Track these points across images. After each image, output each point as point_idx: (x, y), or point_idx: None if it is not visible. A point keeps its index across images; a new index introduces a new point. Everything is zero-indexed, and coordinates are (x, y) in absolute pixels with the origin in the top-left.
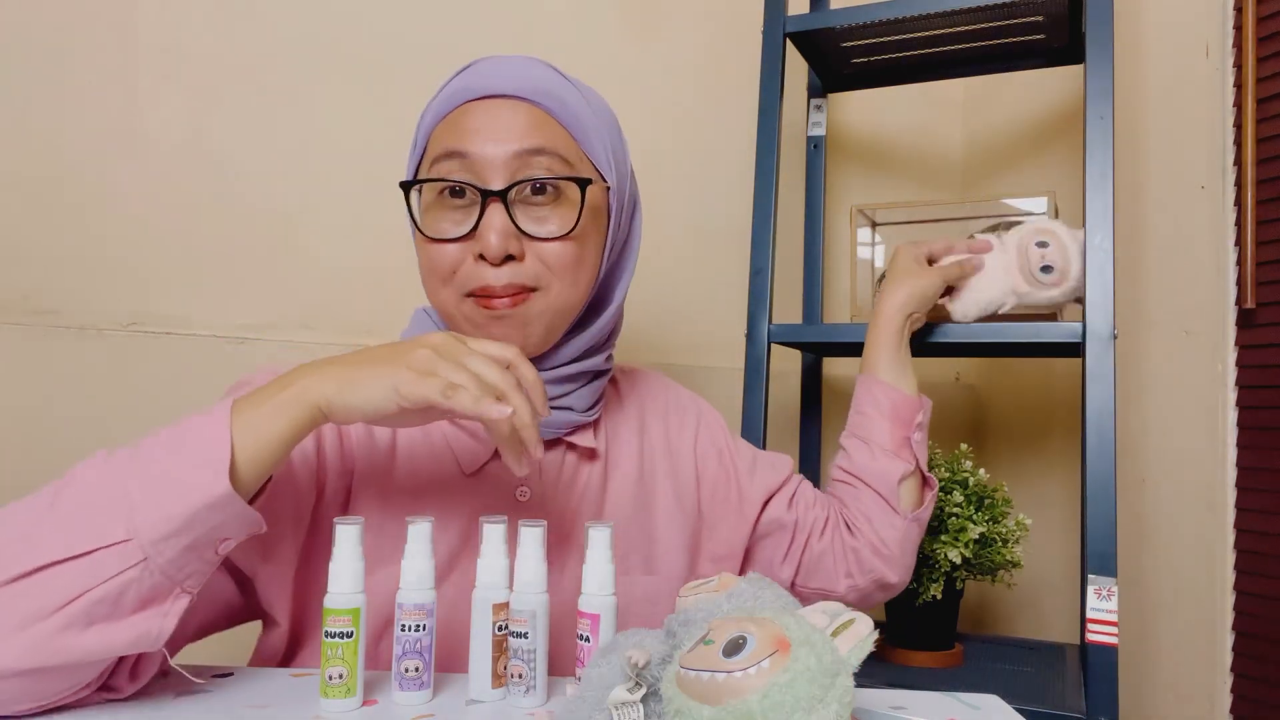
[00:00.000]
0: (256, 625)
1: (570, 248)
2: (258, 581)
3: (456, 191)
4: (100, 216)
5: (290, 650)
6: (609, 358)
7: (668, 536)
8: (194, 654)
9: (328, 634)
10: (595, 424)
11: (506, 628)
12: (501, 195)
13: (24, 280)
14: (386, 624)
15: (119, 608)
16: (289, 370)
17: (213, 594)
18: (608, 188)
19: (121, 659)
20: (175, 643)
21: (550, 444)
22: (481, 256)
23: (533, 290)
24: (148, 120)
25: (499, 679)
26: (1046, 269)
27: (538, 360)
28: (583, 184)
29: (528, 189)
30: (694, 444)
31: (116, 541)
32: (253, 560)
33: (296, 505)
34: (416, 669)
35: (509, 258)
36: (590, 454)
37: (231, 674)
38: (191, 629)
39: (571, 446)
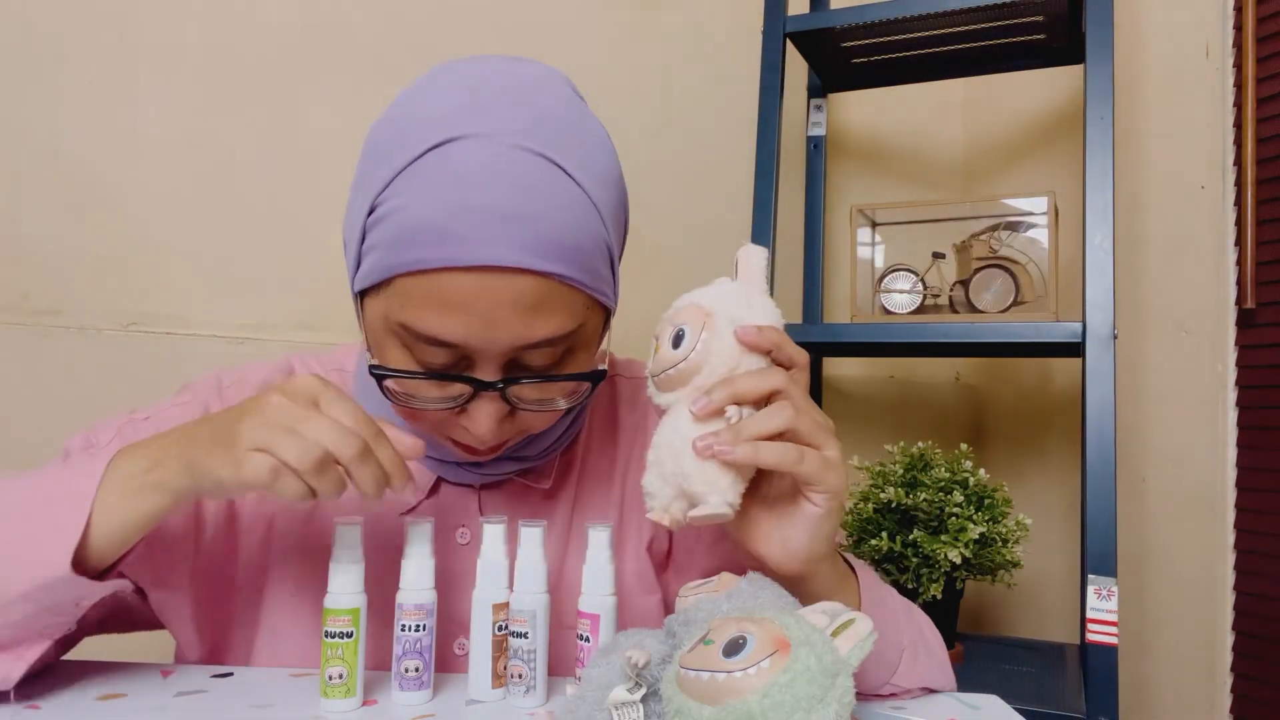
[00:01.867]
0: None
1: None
2: (151, 598)
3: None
4: (100, 216)
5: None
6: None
7: (637, 586)
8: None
9: (328, 634)
10: (567, 452)
11: (506, 628)
12: (499, 388)
13: (24, 280)
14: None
15: None
16: (167, 433)
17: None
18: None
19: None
20: (70, 642)
21: (498, 484)
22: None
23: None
24: (148, 120)
25: (499, 679)
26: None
27: None
28: (595, 378)
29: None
30: None
31: None
32: (143, 579)
33: (195, 538)
34: (416, 669)
35: None
36: (546, 492)
37: (232, 674)
38: (89, 628)
39: (525, 487)
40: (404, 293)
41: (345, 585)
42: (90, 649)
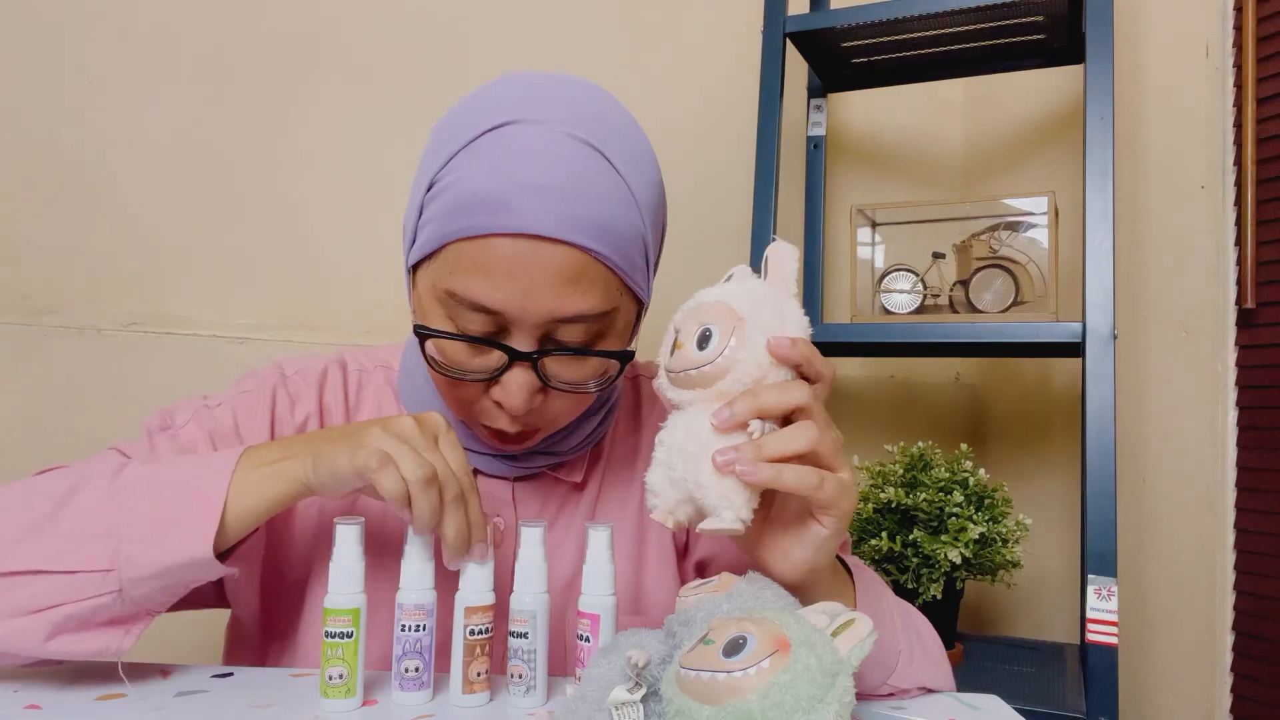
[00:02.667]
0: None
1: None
2: (226, 580)
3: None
4: (100, 216)
5: (263, 643)
6: (609, 395)
7: (659, 574)
8: (192, 653)
9: (328, 634)
10: (595, 448)
11: (480, 631)
12: (532, 359)
13: (24, 280)
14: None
15: (87, 623)
16: (295, 435)
17: None
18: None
19: None
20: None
21: (531, 477)
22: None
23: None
24: (148, 120)
25: (470, 685)
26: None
27: None
28: (624, 358)
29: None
30: None
31: (99, 570)
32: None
33: (268, 522)
34: (416, 669)
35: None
36: (576, 486)
37: (232, 674)
38: None
39: (556, 480)
40: (453, 259)
41: (345, 585)
42: None
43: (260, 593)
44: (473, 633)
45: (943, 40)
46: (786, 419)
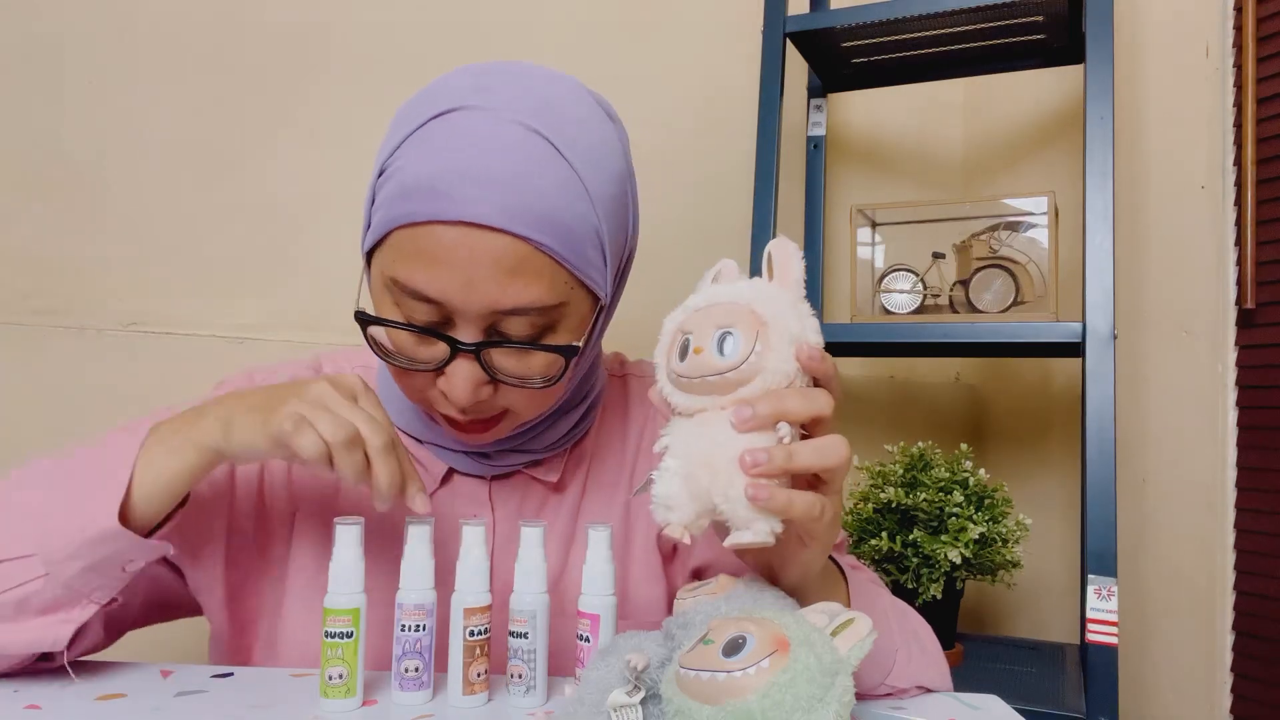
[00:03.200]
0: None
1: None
2: (187, 578)
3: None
4: (100, 216)
5: (236, 648)
6: (586, 394)
7: (644, 575)
8: (192, 653)
9: (328, 634)
10: (574, 447)
11: (479, 632)
12: (474, 350)
13: (24, 280)
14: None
15: (22, 612)
16: (207, 402)
17: (151, 577)
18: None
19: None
20: (119, 625)
21: (507, 476)
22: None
23: (503, 413)
24: (148, 120)
25: (470, 686)
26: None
27: None
28: (567, 353)
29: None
30: None
31: (23, 555)
32: (181, 557)
33: (228, 517)
34: (416, 669)
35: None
36: (554, 486)
37: (232, 674)
38: (134, 611)
39: (532, 479)
40: (396, 246)
41: (345, 585)
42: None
43: (226, 598)
44: (472, 634)
45: (943, 40)
46: (804, 427)
